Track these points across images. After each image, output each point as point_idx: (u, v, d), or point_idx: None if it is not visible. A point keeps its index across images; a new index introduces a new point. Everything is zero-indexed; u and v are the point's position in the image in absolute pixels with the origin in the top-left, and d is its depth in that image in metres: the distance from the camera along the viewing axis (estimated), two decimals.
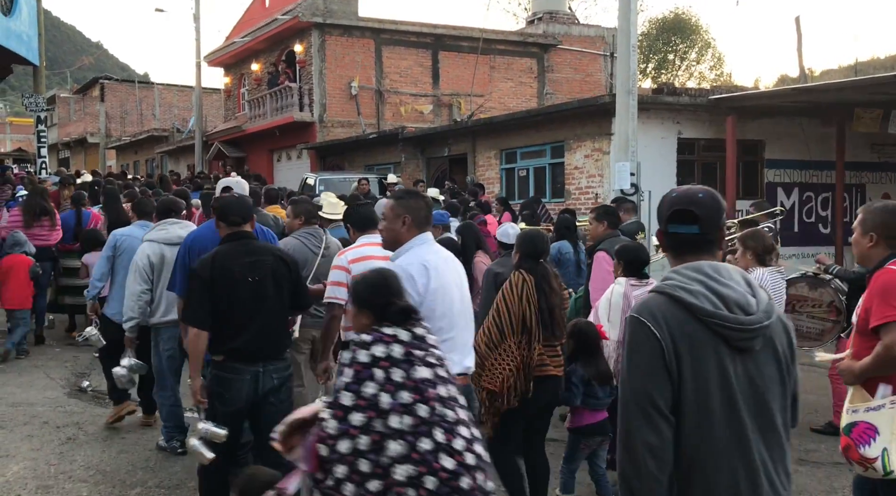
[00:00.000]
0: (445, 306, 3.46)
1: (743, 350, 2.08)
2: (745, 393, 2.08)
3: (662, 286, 2.15)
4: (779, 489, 2.10)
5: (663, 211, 2.25)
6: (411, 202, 3.61)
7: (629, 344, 2.13)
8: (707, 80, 40.46)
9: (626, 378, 2.10)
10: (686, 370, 2.04)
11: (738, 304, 2.08)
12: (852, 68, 31.97)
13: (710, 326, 2.06)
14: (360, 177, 15.08)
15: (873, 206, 3.48)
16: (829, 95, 12.05)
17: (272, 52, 24.66)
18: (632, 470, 2.04)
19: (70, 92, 45.17)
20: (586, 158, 13.35)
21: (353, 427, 2.45)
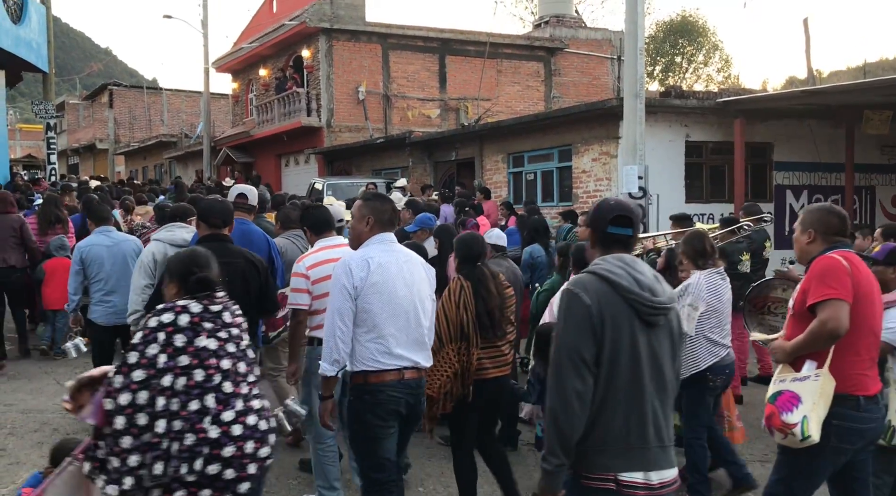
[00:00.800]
0: (385, 301, 3.59)
1: (650, 324, 2.61)
2: (647, 358, 2.60)
3: (593, 268, 2.67)
4: (663, 436, 2.62)
5: (604, 215, 2.73)
6: (376, 204, 3.77)
7: (564, 310, 2.61)
8: (715, 83, 40.38)
9: (559, 336, 2.59)
10: (607, 333, 2.55)
11: (650, 288, 2.61)
12: (861, 69, 31.86)
13: (628, 301, 2.58)
14: (367, 181, 15.11)
15: (812, 206, 3.74)
16: (838, 97, 11.99)
17: (280, 58, 24.73)
18: (561, 409, 2.52)
19: (79, 98, 45.43)
20: (594, 162, 13.32)
21: (134, 382, 2.74)
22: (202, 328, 2.88)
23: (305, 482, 5.09)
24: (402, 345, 3.63)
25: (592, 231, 2.78)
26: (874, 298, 3.40)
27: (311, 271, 4.47)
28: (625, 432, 2.55)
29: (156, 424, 2.70)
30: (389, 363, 3.60)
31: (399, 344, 3.62)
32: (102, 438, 2.76)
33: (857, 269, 3.33)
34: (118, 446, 2.70)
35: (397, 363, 3.61)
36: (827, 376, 3.30)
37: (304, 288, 4.43)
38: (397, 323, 3.62)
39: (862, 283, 3.33)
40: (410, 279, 3.71)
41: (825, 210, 3.59)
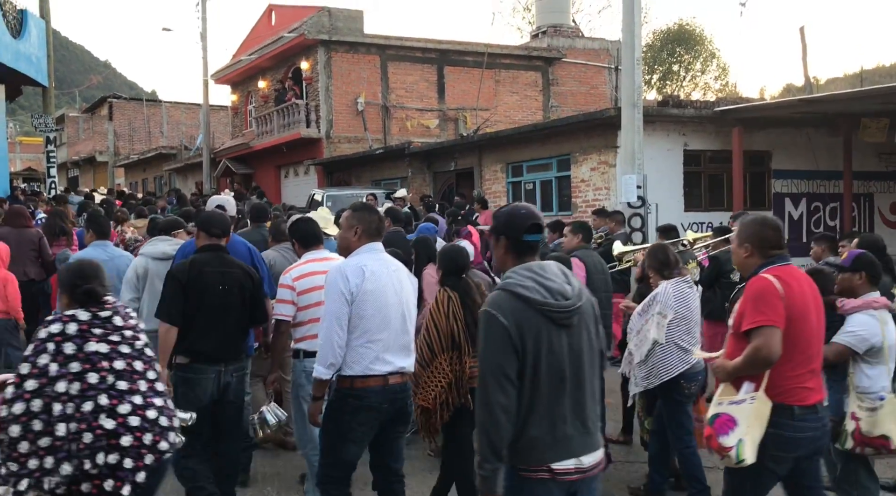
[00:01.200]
0: (377, 308, 3.73)
1: (565, 326, 2.78)
2: (567, 358, 2.78)
3: (505, 285, 2.80)
4: (588, 424, 2.83)
5: (522, 223, 2.86)
6: (364, 214, 3.92)
7: (485, 330, 2.76)
8: (712, 91, 40.50)
9: (483, 355, 2.76)
10: (527, 347, 2.72)
11: (560, 292, 2.77)
12: (858, 76, 31.94)
13: (541, 312, 2.73)
14: (367, 192, 15.13)
15: (747, 218, 3.78)
16: (836, 105, 12.05)
17: (279, 70, 24.81)
18: (489, 422, 2.72)
19: (79, 111, 45.52)
20: (592, 171, 13.36)
21: (27, 392, 2.93)
22: (91, 334, 3.08)
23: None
24: (390, 350, 3.77)
25: (507, 239, 2.89)
26: (808, 312, 3.45)
27: (296, 282, 4.58)
28: (553, 427, 2.78)
29: (56, 429, 2.90)
30: (377, 368, 3.73)
31: (388, 349, 3.76)
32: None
33: (789, 288, 3.40)
34: (16, 451, 2.89)
35: (384, 368, 3.74)
36: (762, 399, 3.39)
37: (288, 299, 4.56)
38: (388, 329, 3.75)
39: (795, 302, 3.40)
40: (399, 287, 3.84)
41: (759, 223, 3.63)
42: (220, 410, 4.42)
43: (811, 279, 3.59)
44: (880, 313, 4.18)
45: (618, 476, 5.52)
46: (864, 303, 4.23)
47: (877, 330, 4.13)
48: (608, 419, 5.28)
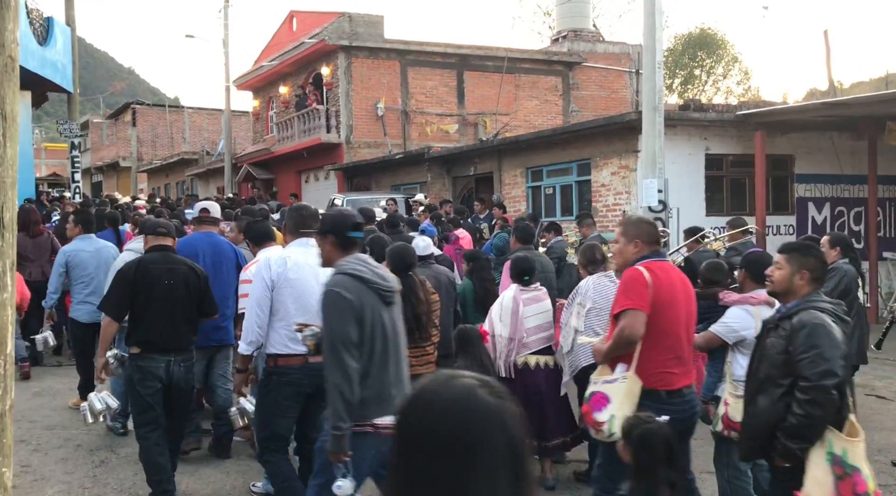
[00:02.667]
0: (297, 294, 4.19)
1: (389, 303, 3.41)
2: (390, 330, 3.40)
3: (342, 270, 3.37)
4: (404, 389, 3.35)
5: (347, 222, 3.49)
6: (292, 213, 4.52)
7: (332, 306, 3.28)
8: (734, 95, 40.17)
9: (332, 327, 3.28)
10: (366, 318, 3.28)
11: (383, 277, 3.43)
12: (883, 80, 31.57)
13: (374, 290, 3.35)
14: (387, 197, 15.16)
15: (629, 218, 4.21)
16: (860, 109, 11.89)
17: (299, 75, 24.97)
18: (345, 384, 3.20)
19: (103, 117, 46.06)
20: (613, 176, 13.29)
21: None
22: None
23: None
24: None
25: (334, 236, 3.47)
26: (675, 303, 3.78)
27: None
28: (379, 389, 3.31)
29: None
30: (297, 348, 4.06)
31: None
32: None
33: (657, 279, 3.73)
34: None
35: (303, 349, 4.01)
36: (633, 379, 3.71)
37: (247, 293, 4.91)
38: (307, 314, 4.07)
39: (662, 292, 3.72)
40: (323, 277, 4.05)
41: (645, 221, 4.09)
42: (169, 394, 4.77)
43: (682, 274, 3.99)
44: (756, 308, 4.43)
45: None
46: (741, 298, 4.57)
47: (749, 324, 4.40)
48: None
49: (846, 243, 5.73)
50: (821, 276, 3.49)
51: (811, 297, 3.38)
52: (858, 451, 3.12)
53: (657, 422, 3.32)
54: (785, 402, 3.24)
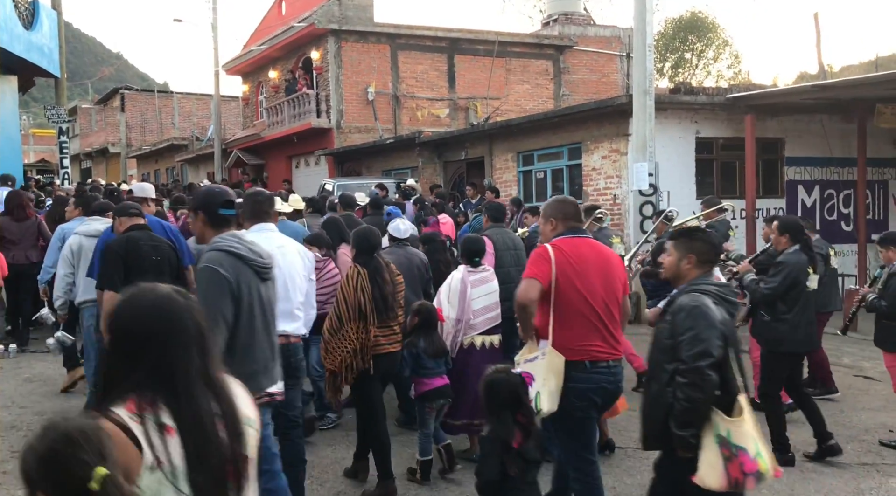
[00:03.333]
0: None
1: (265, 279, 3.54)
2: (267, 304, 3.57)
3: (218, 247, 3.43)
4: (278, 359, 3.62)
5: (216, 200, 3.55)
6: (247, 199, 4.52)
7: (207, 282, 3.36)
8: (725, 79, 40.16)
9: (207, 303, 3.24)
10: (242, 294, 3.39)
11: (258, 253, 3.52)
12: (873, 64, 31.61)
13: (250, 266, 3.45)
14: (376, 182, 15.12)
15: (550, 200, 4.36)
16: (850, 91, 11.93)
17: (289, 60, 24.82)
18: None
19: (91, 102, 45.72)
20: (604, 159, 13.30)
21: None
22: None
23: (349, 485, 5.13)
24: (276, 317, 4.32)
25: (205, 213, 3.55)
26: (588, 277, 3.90)
27: None
28: (264, 361, 3.51)
29: None
30: None
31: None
32: None
33: (562, 254, 3.90)
34: None
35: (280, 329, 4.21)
36: (552, 353, 3.84)
37: None
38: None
39: (569, 266, 3.88)
40: (283, 261, 4.30)
41: (561, 200, 4.27)
42: None
43: (603, 253, 4.07)
44: None
45: None
46: None
47: None
48: None
49: (796, 228, 5.71)
50: (709, 259, 3.49)
51: (697, 281, 3.40)
52: (743, 431, 3.12)
53: (506, 373, 3.72)
54: (672, 388, 3.25)
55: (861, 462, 5.65)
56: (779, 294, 5.54)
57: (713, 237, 3.60)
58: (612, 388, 3.96)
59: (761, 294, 5.69)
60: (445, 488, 5.06)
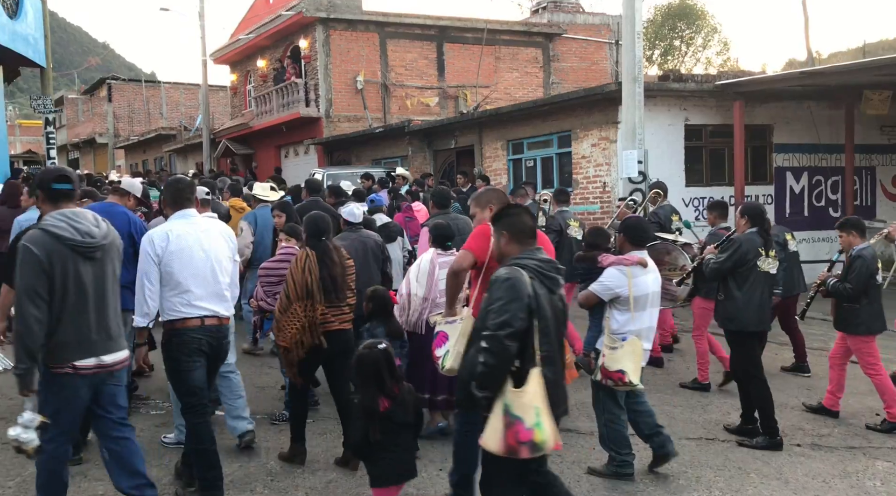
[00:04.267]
0: (183, 265, 4.42)
1: (90, 258, 3.76)
2: (91, 283, 3.77)
3: (41, 225, 3.69)
4: (111, 332, 3.87)
5: (49, 176, 3.88)
6: (169, 187, 4.75)
7: (21, 260, 3.59)
8: (714, 66, 40.21)
9: (19, 279, 3.58)
10: (56, 272, 3.62)
11: (87, 233, 3.75)
12: (861, 50, 31.72)
13: (68, 246, 3.67)
14: (363, 171, 15.05)
15: (482, 190, 4.74)
16: (837, 78, 11.96)
17: (277, 49, 24.67)
18: (25, 331, 3.56)
19: (78, 93, 45.35)
20: (593, 147, 13.31)
21: None
22: None
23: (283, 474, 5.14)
24: (201, 298, 4.45)
25: (41, 190, 3.87)
26: None
27: None
28: (78, 334, 3.71)
29: None
30: (190, 312, 4.41)
31: (199, 298, 4.44)
32: None
33: None
34: None
35: (198, 312, 4.42)
36: (469, 319, 4.12)
37: None
38: (196, 281, 4.43)
39: None
40: (208, 245, 4.51)
41: (495, 190, 4.74)
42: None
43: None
44: (630, 268, 4.88)
45: None
46: (617, 259, 5.02)
47: (623, 282, 4.84)
48: None
49: (756, 213, 5.89)
50: (519, 233, 3.59)
51: (519, 256, 3.52)
52: (523, 402, 3.26)
53: (369, 348, 4.05)
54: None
55: (848, 445, 5.70)
56: (726, 269, 5.74)
57: (523, 214, 3.71)
58: None
59: (709, 268, 5.92)
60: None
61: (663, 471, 5.09)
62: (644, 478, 4.99)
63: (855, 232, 6.21)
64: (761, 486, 4.90)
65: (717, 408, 6.42)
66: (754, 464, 5.28)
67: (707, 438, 5.80)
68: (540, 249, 3.60)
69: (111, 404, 3.98)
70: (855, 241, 6.17)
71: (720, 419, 6.17)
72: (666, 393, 6.95)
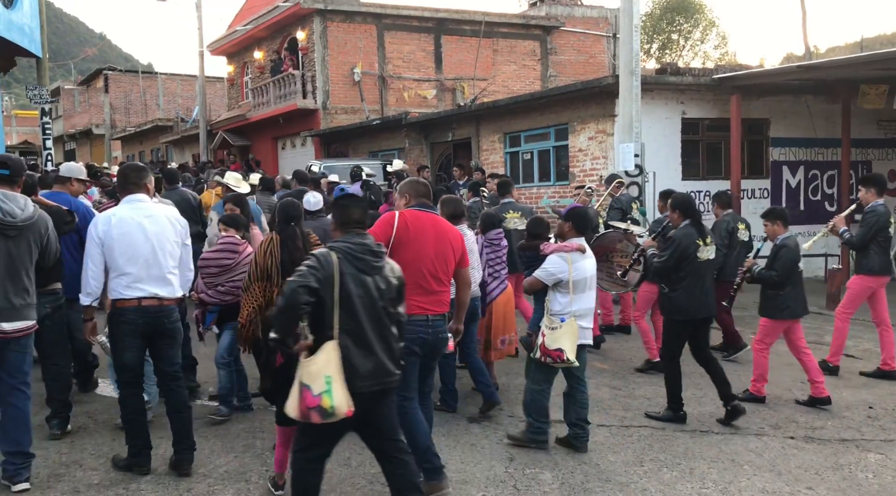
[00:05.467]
0: (125, 248, 4.69)
1: (9, 236, 4.40)
2: (6, 257, 4.38)
3: None
4: (16, 304, 4.46)
5: None
6: (119, 173, 5.06)
7: None
8: (711, 60, 40.18)
9: None
10: None
11: (9, 213, 4.37)
12: (858, 45, 31.70)
13: None
14: (353, 164, 14.97)
15: (409, 179, 5.12)
16: (834, 72, 11.97)
17: (274, 40, 24.60)
18: None
19: (74, 83, 45.18)
20: (590, 140, 13.30)
21: None
22: None
23: None
24: (140, 280, 4.69)
25: None
26: (422, 243, 4.58)
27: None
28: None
29: None
30: (129, 294, 4.69)
31: (138, 280, 4.68)
32: None
33: (404, 222, 4.57)
34: None
35: (137, 294, 4.68)
36: None
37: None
38: (135, 263, 4.67)
39: (407, 232, 4.54)
40: (152, 230, 4.74)
41: (415, 181, 5.05)
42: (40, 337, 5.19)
43: (440, 225, 4.72)
44: (570, 255, 5.24)
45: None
46: (558, 246, 5.37)
47: (564, 268, 5.21)
48: None
49: (687, 205, 6.15)
50: (343, 222, 3.97)
51: (336, 240, 3.91)
52: (310, 371, 3.62)
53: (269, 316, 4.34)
54: None
55: (841, 438, 5.73)
56: (670, 266, 5.99)
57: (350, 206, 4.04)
58: (430, 339, 4.58)
59: (654, 267, 6.25)
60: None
61: (656, 462, 5.12)
62: (637, 470, 5.02)
63: (780, 222, 6.50)
64: (754, 478, 4.92)
65: (710, 401, 6.44)
66: (747, 455, 5.31)
67: (701, 431, 5.83)
68: (363, 235, 3.93)
69: (14, 369, 4.55)
70: (779, 230, 6.47)
71: (714, 412, 6.19)
72: (659, 385, 6.98)
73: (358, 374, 3.70)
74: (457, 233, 4.88)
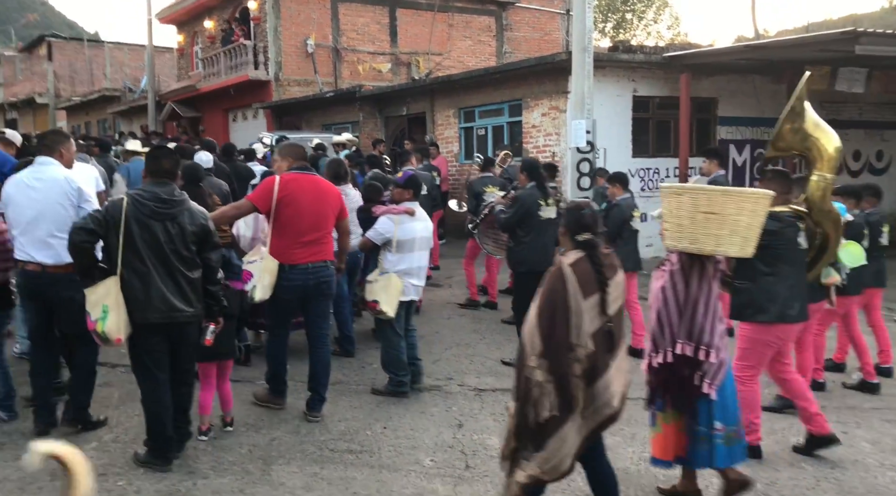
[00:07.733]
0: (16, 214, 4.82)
1: None
2: None
3: None
4: None
5: None
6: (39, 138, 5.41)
7: None
8: (664, 40, 40.59)
9: None
10: None
11: None
12: (805, 29, 32.36)
13: None
14: (316, 136, 14.89)
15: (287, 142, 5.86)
16: (780, 52, 12.22)
17: (225, 9, 24.08)
18: None
19: (15, 50, 43.60)
20: (543, 117, 13.39)
21: None
22: None
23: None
24: (24, 245, 4.84)
25: None
26: (300, 203, 5.11)
27: None
28: None
29: None
30: (19, 256, 4.89)
31: (24, 245, 4.84)
32: None
33: (285, 185, 5.10)
34: None
35: (21, 257, 4.86)
36: (268, 258, 5.11)
37: None
38: (20, 228, 4.84)
39: (287, 194, 5.07)
40: (37, 196, 4.80)
41: (294, 144, 5.70)
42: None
43: (319, 185, 5.29)
44: (398, 217, 5.77)
45: None
46: (387, 209, 5.93)
47: (391, 228, 5.73)
48: None
49: (533, 169, 7.09)
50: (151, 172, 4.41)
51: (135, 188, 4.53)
52: (91, 299, 4.16)
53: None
54: None
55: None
56: (514, 222, 6.85)
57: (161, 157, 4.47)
58: (311, 284, 5.21)
59: (500, 222, 7.09)
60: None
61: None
62: None
63: (619, 185, 7.40)
64: None
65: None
66: None
67: (644, 398, 5.99)
68: (162, 184, 4.31)
69: None
70: (618, 192, 7.36)
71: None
72: None
73: (141, 306, 4.17)
74: (335, 191, 5.43)
